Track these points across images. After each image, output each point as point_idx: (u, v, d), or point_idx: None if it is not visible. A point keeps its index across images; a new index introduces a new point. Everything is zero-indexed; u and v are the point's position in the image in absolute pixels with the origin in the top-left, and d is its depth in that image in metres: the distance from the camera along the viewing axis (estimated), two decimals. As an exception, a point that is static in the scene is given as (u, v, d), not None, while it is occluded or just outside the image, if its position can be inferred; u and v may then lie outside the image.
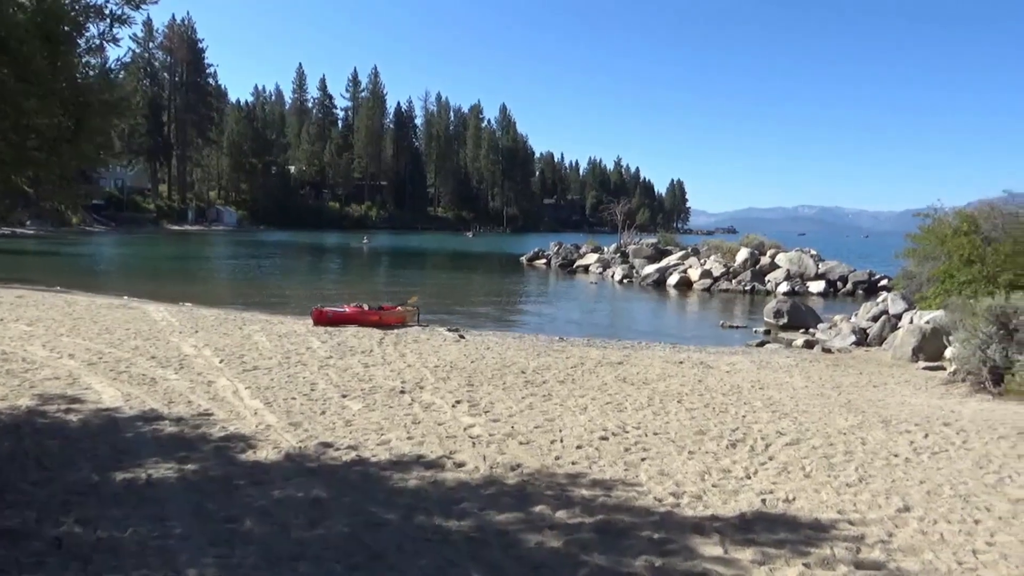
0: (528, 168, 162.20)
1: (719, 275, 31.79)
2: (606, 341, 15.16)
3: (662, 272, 33.52)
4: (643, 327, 19.94)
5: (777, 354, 14.07)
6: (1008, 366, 9.62)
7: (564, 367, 10.78)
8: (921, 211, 17.71)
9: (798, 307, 20.27)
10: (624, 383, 9.72)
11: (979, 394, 9.72)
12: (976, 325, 10.33)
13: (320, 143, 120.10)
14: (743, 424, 7.51)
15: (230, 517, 4.49)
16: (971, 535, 4.67)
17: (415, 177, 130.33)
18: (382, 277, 35.66)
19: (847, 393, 9.78)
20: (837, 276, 31.92)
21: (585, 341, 14.90)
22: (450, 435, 6.58)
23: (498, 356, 11.54)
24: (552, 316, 21.52)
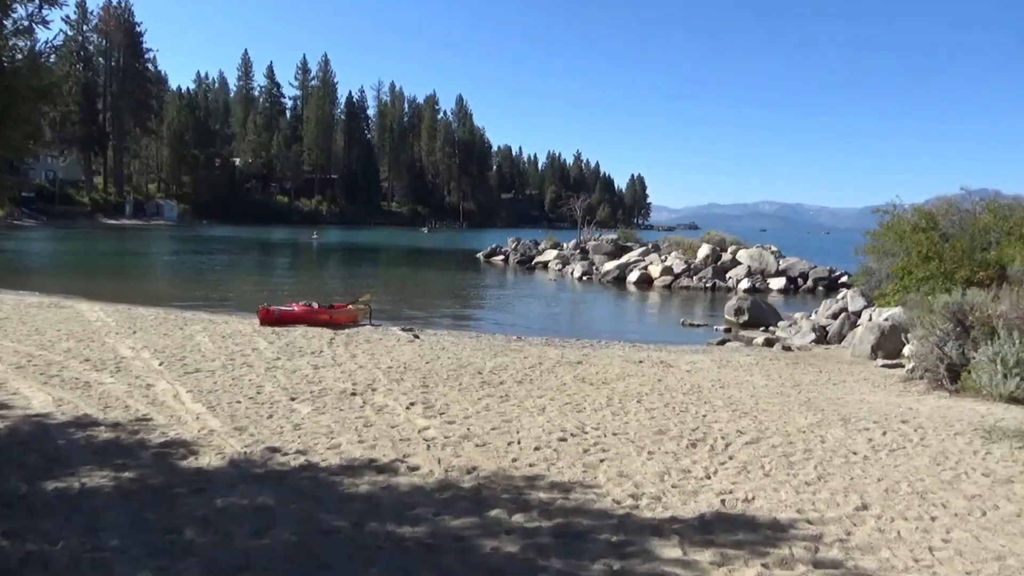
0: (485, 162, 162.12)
1: (680, 272, 32.21)
2: (565, 340, 15.26)
3: (622, 269, 33.84)
4: (603, 325, 20.10)
5: (738, 352, 14.31)
6: (964, 363, 9.94)
7: (522, 367, 10.82)
8: (881, 208, 18.20)
9: (759, 305, 20.66)
10: (583, 383, 9.79)
11: (936, 391, 10.02)
12: (933, 322, 10.66)
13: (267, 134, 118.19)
14: (703, 423, 7.63)
15: (170, 527, 4.41)
16: (928, 532, 4.83)
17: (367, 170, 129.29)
18: (333, 274, 35.30)
19: (807, 391, 10.00)
20: (798, 273, 32.60)
21: (543, 340, 14.97)
22: (404, 438, 6.56)
23: (454, 356, 11.53)
24: (510, 314, 21.56)
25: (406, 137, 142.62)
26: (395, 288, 27.75)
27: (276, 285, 27.22)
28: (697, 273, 32.03)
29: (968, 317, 10.50)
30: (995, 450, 6.86)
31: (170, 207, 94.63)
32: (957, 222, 16.56)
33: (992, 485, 5.84)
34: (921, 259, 15.62)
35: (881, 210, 18.08)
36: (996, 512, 5.25)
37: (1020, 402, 8.98)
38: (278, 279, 30.98)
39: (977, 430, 7.58)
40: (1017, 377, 9.10)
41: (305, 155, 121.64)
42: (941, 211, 16.98)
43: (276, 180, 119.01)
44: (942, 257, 15.21)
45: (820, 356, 14.17)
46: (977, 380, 9.46)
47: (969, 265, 14.81)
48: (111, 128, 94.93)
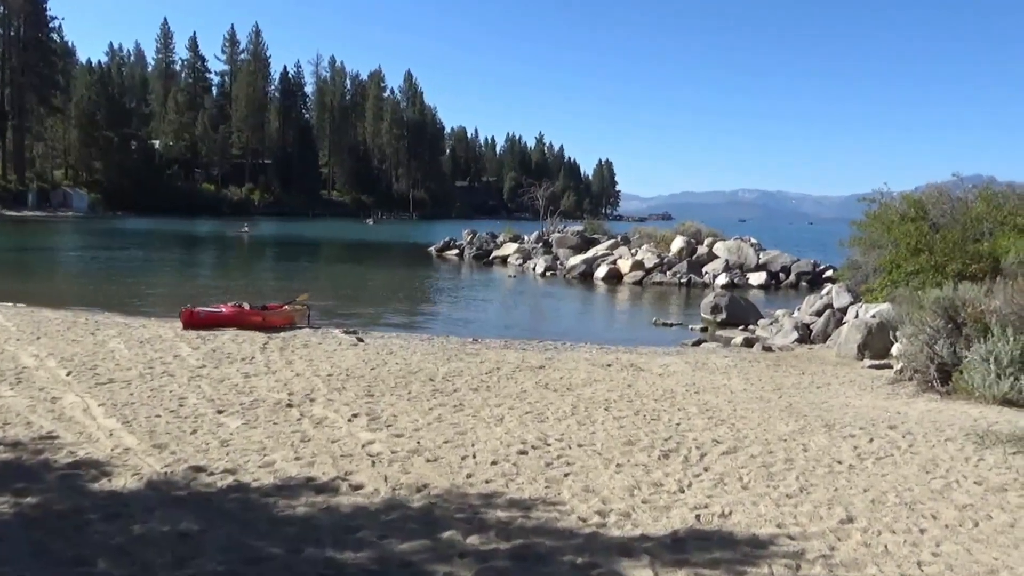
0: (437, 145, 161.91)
1: (652, 266, 32.55)
2: (526, 342, 15.30)
3: (589, 264, 34.07)
4: (568, 326, 20.21)
5: (714, 354, 14.51)
6: (956, 363, 10.21)
7: (478, 373, 10.82)
8: (867, 196, 18.60)
9: (737, 301, 20.97)
10: (546, 390, 9.83)
11: (927, 393, 10.28)
12: (923, 319, 10.93)
13: (191, 113, 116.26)
14: (676, 432, 7.72)
15: (79, 558, 4.31)
16: (916, 546, 4.95)
17: (305, 155, 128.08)
18: (266, 271, 34.91)
19: (788, 396, 10.18)
20: (779, 267, 33.17)
21: (502, 343, 14.99)
22: (345, 453, 6.52)
23: (402, 361, 11.49)
24: (465, 315, 21.56)
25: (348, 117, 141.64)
26: (336, 286, 27.54)
27: (201, 284, 26.82)
28: (671, 268, 32.40)
29: (960, 313, 10.78)
30: (988, 456, 7.06)
31: (79, 196, 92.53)
32: (948, 211, 17.00)
33: (985, 494, 6.01)
34: (910, 251, 16.00)
35: (867, 199, 18.49)
36: (989, 523, 5.40)
37: (1014, 404, 9.26)
38: (203, 277, 30.53)
39: (969, 435, 7.79)
40: (1011, 377, 9.37)
41: (234, 137, 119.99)
42: (931, 199, 17.41)
43: (201, 165, 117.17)
44: (932, 249, 15.60)
45: (803, 357, 14.42)
46: (969, 381, 9.72)
47: (961, 257, 15.23)
48: (10, 107, 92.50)
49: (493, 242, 45.11)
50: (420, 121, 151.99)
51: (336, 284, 28.60)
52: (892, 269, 16.43)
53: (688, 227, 37.89)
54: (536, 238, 43.03)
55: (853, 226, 19.09)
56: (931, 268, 15.32)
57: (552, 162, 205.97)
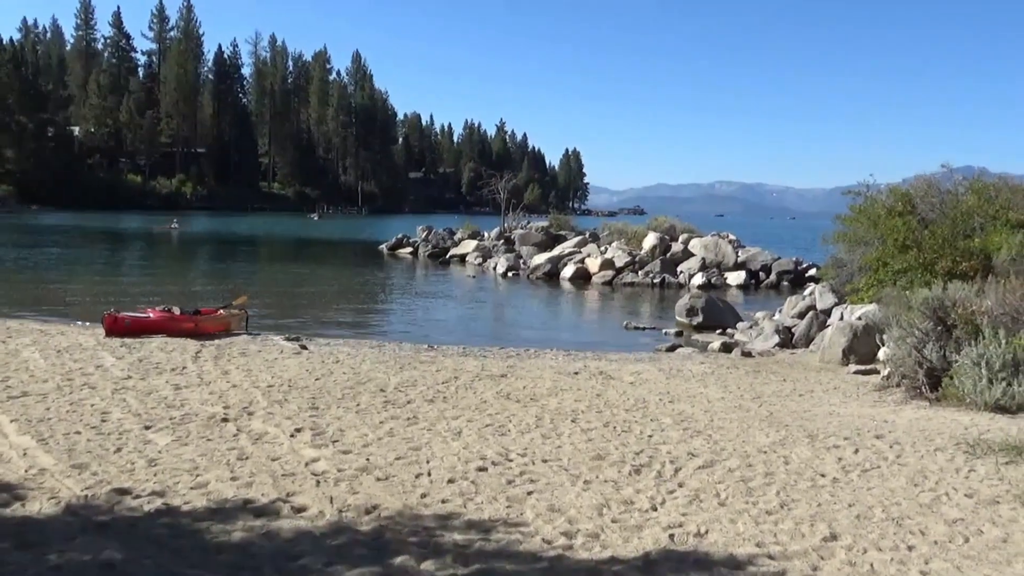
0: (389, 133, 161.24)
1: (623, 266, 32.76)
2: (486, 349, 15.31)
3: (555, 263, 34.19)
4: (532, 331, 20.25)
5: (690, 360, 14.65)
6: (946, 368, 10.42)
7: (434, 382, 10.81)
8: (852, 189, 18.91)
9: (715, 303, 21.18)
10: (508, 400, 9.85)
11: (915, 400, 10.48)
12: (911, 321, 11.14)
13: (114, 97, 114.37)
14: (649, 445, 7.78)
15: (-12, 593, 4.23)
16: (904, 564, 5.04)
17: (243, 143, 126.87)
18: (199, 272, 34.49)
19: (769, 404, 10.31)
20: (759, 265, 33.58)
21: (460, 349, 14.99)
22: (287, 472, 6.47)
23: (350, 371, 11.45)
24: (420, 319, 21.51)
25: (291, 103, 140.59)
26: (277, 288, 27.31)
27: (126, 286, 26.41)
28: (643, 267, 32.64)
29: (950, 315, 11.01)
30: (979, 467, 7.22)
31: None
32: (937, 205, 17.34)
33: (976, 507, 6.14)
34: (897, 248, 16.29)
35: (852, 191, 18.81)
36: (980, 538, 5.52)
37: (1007, 411, 9.47)
38: (129, 279, 30.07)
39: (960, 444, 7.96)
40: (1003, 383, 9.58)
41: (163, 124, 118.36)
42: (920, 192, 17.75)
43: (126, 155, 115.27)
44: (921, 245, 15.90)
45: (785, 363, 14.63)
46: (960, 387, 9.93)
47: (951, 255, 15.54)
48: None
49: (450, 239, 45.06)
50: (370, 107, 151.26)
51: (277, 286, 28.35)
52: (878, 267, 16.72)
53: (661, 223, 38.19)
54: (497, 235, 43.06)
55: (837, 221, 19.40)
56: (919, 266, 15.62)
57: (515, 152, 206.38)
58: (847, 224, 18.75)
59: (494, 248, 40.45)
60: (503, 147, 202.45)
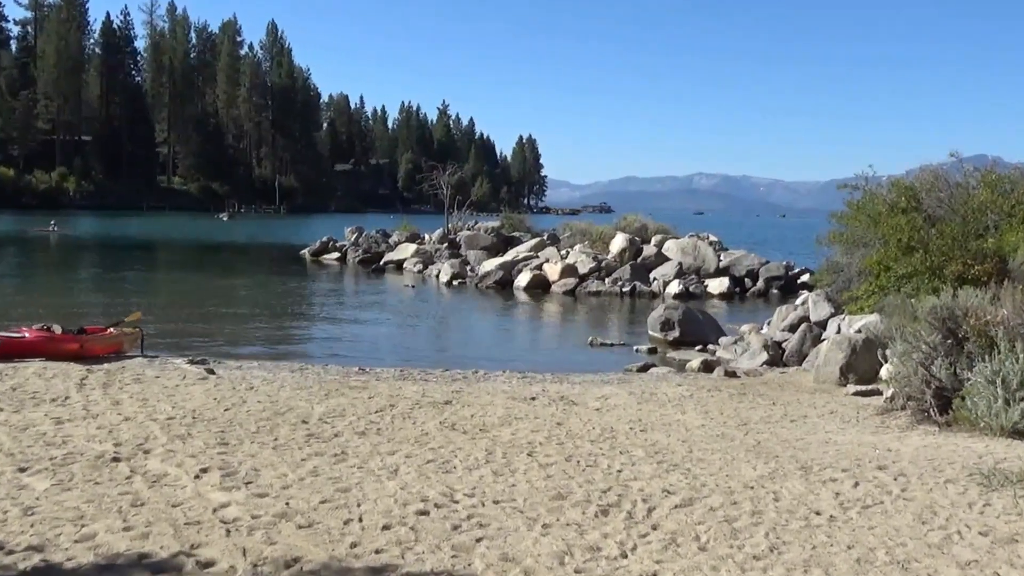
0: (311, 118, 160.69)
1: (587, 272, 32.91)
2: (428, 371, 15.27)
3: (507, 269, 34.23)
4: (481, 349, 20.24)
5: (665, 382, 14.75)
6: (957, 387, 10.60)
7: (365, 412, 10.76)
8: (848, 182, 19.19)
9: (693, 315, 21.37)
10: (453, 431, 9.83)
11: (922, 425, 10.65)
12: (918, 333, 11.32)
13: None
14: (618, 482, 7.81)
15: None
16: (910, 614, 5.12)
17: (137, 130, 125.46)
18: (84, 283, 33.94)
19: (756, 432, 10.42)
20: (745, 270, 33.97)
21: (397, 372, 14.94)
22: (192, 521, 6.39)
23: (266, 399, 11.35)
24: (349, 337, 21.42)
25: (194, 82, 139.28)
26: (180, 302, 26.99)
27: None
28: (610, 273, 32.82)
29: (961, 326, 11.20)
30: (995, 500, 7.35)
31: None
32: (946, 200, 17.62)
33: (992, 547, 6.26)
34: (901, 250, 16.54)
35: (849, 185, 19.08)
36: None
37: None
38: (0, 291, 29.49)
39: (973, 475, 8.11)
40: (1022, 403, 9.76)
41: (40, 107, 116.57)
42: (925, 185, 18.03)
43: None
44: (927, 247, 16.15)
45: (774, 383, 14.78)
46: (972, 409, 10.10)
47: (962, 257, 15.79)
48: None
49: (385, 242, 44.90)
50: (288, 87, 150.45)
51: (179, 299, 28.02)
52: (880, 272, 16.97)
53: (631, 222, 38.45)
54: (440, 237, 43.02)
55: (833, 219, 19.67)
56: (926, 270, 15.86)
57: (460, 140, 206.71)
58: (844, 223, 19.01)
59: (436, 253, 40.39)
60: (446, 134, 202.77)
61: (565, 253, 35.52)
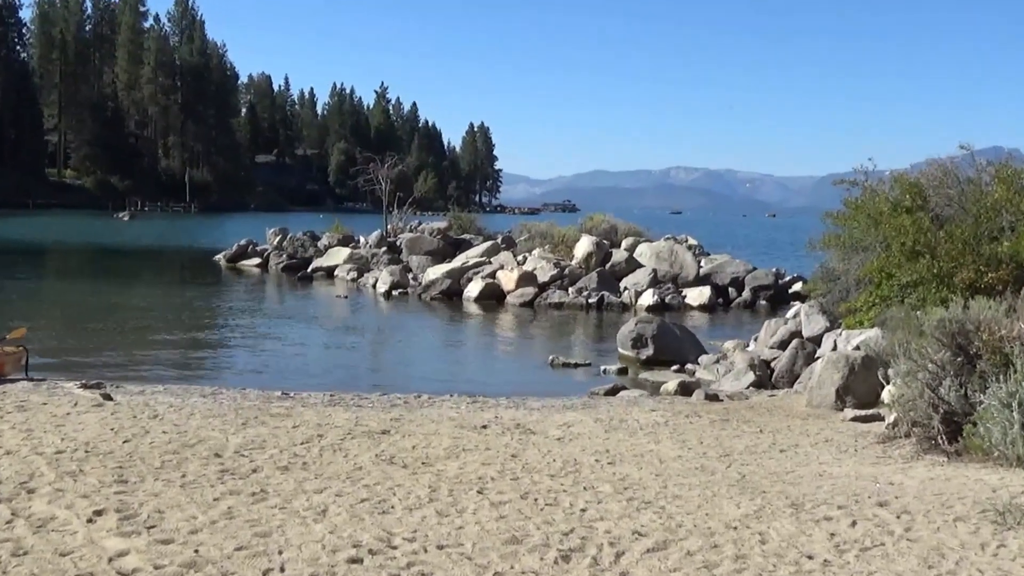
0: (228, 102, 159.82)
1: (547, 281, 32.96)
2: (363, 396, 15.23)
3: (456, 277, 34.20)
4: (425, 370, 20.21)
5: (637, 407, 14.79)
6: (968, 411, 10.71)
7: (290, 443, 10.69)
8: (846, 177, 19.34)
9: (670, 330, 21.45)
10: (391, 466, 9.79)
11: (929, 455, 10.75)
12: (924, 350, 11.43)
13: None
14: (582, 523, 7.81)
15: None
16: (915, 672, 5.17)
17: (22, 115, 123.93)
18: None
19: (740, 464, 10.47)
20: (728, 279, 34.21)
21: (327, 397, 14.88)
22: (84, 572, 6.32)
23: (173, 429, 11.24)
24: (271, 356, 21.32)
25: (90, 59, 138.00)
26: (71, 317, 26.75)
27: None
28: (574, 282, 32.87)
29: (973, 341, 11.32)
30: (1011, 540, 7.43)
31: None
32: (956, 198, 17.82)
33: (1006, 594, 6.34)
34: (905, 254, 16.70)
35: (847, 181, 19.22)
36: (1011, 635, 5.70)
37: (1045, 467, 9.77)
38: None
39: (986, 512, 8.19)
40: (1041, 429, 9.87)
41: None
42: (933, 181, 18.21)
43: None
44: (935, 251, 16.33)
45: (762, 408, 14.87)
46: (985, 436, 10.20)
47: (974, 263, 15.97)
48: None
49: (313, 246, 44.67)
50: (201, 65, 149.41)
51: (71, 313, 27.74)
52: (881, 280, 17.12)
53: (599, 222, 38.56)
54: (377, 240, 42.88)
55: (827, 219, 19.80)
56: (933, 278, 16.02)
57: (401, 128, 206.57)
58: (840, 223, 19.14)
59: (373, 258, 40.28)
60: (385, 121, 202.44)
61: (522, 259, 35.55)
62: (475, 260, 36.09)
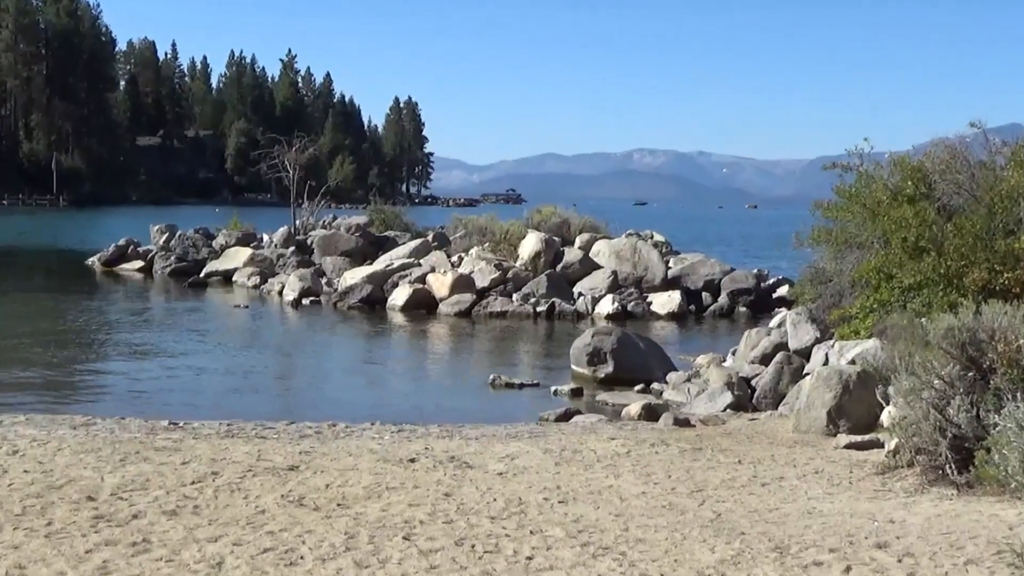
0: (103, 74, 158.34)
1: (488, 285, 32.92)
2: (266, 425, 15.17)
3: (379, 283, 34.09)
4: (341, 393, 20.16)
5: (594, 434, 14.81)
6: (980, 435, 10.81)
7: (178, 483, 10.61)
8: (838, 161, 19.46)
9: (632, 343, 21.48)
10: (300, 508, 9.74)
11: (936, 486, 10.83)
12: (929, 364, 11.53)
13: None
14: (528, 572, 7.82)
15: None
16: None
17: None
18: None
19: (716, 500, 10.51)
20: (702, 282, 34.37)
21: (224, 427, 14.79)
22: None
23: (38, 467, 11.14)
24: (156, 379, 21.16)
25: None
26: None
27: None
28: (520, 287, 32.84)
29: (986, 353, 11.42)
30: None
31: None
32: (966, 184, 17.93)
33: (1026, 650, 6.41)
34: (907, 252, 16.81)
35: (839, 165, 19.34)
36: None
37: (1070, 500, 9.89)
38: None
39: (1002, 553, 8.26)
40: (1066, 456, 9.99)
41: None
42: (939, 166, 18.30)
43: None
44: (942, 248, 16.45)
45: (741, 434, 14.94)
46: (1001, 465, 10.29)
47: (987, 261, 16.11)
48: None
49: (207, 246, 44.40)
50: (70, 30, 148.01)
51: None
52: (880, 282, 17.20)
53: (549, 215, 38.61)
54: (285, 238, 42.66)
55: (817, 211, 19.88)
56: (940, 279, 16.13)
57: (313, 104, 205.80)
58: (832, 216, 19.23)
59: (280, 261, 40.08)
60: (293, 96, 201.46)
61: (458, 260, 35.54)
62: (401, 262, 35.98)
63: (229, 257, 41.91)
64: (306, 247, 40.80)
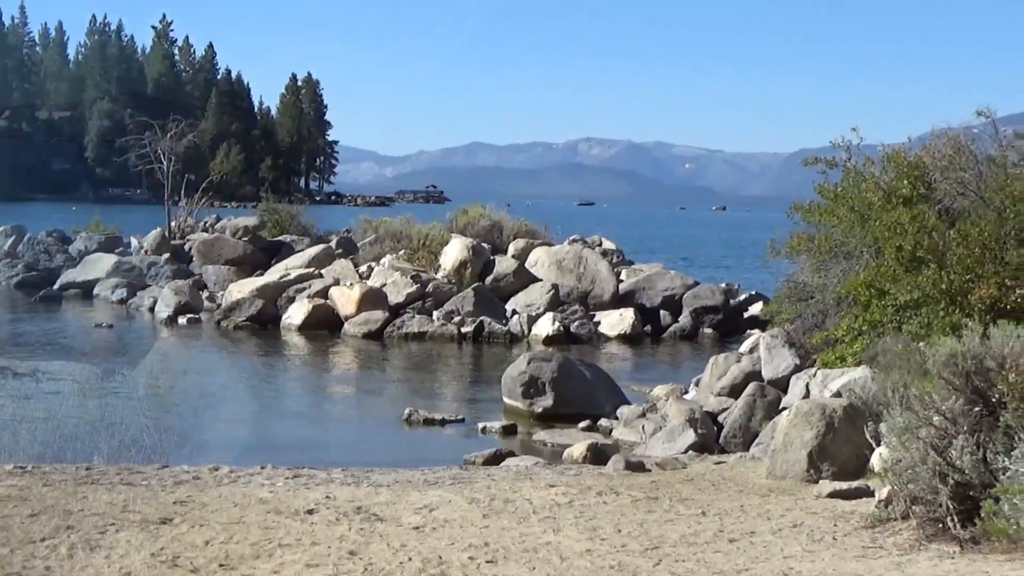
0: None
1: (403, 301, 32.96)
2: (134, 469, 15.07)
3: (271, 297, 33.99)
4: (225, 430, 20.09)
5: (530, 480, 14.82)
6: (988, 482, 10.92)
7: (23, 539, 10.54)
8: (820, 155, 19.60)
9: (576, 371, 21.53)
10: (175, 569, 9.70)
11: (936, 542, 10.91)
12: (927, 396, 11.63)
13: None
14: (449, 648, 7.84)
15: None
16: None
17: None
18: None
19: (674, 560, 10.54)
20: (660, 298, 34.54)
21: (81, 472, 14.67)
22: None
23: None
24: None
25: None
26: None
27: None
28: (441, 303, 32.85)
29: (995, 383, 11.53)
30: (1045, 663, 7.62)
31: None
32: (971, 183, 18.09)
33: None
34: (903, 263, 16.95)
35: (822, 160, 19.48)
36: None
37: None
38: None
39: (1013, 623, 8.39)
40: (1088, 507, 10.10)
41: None
42: (939, 162, 18.46)
43: None
44: (943, 258, 16.60)
45: (706, 480, 15.01)
46: (1011, 517, 10.40)
47: (996, 274, 16.25)
48: None
49: (63, 252, 44.10)
50: None
51: None
52: (870, 299, 17.33)
53: (476, 217, 38.65)
54: (158, 243, 42.43)
55: (796, 214, 19.98)
56: (942, 295, 16.27)
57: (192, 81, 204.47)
58: (814, 220, 19.34)
59: (151, 270, 39.89)
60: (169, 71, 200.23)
61: (367, 270, 35.53)
62: (299, 272, 35.91)
63: (89, 265, 41.60)
64: (183, 254, 40.62)
